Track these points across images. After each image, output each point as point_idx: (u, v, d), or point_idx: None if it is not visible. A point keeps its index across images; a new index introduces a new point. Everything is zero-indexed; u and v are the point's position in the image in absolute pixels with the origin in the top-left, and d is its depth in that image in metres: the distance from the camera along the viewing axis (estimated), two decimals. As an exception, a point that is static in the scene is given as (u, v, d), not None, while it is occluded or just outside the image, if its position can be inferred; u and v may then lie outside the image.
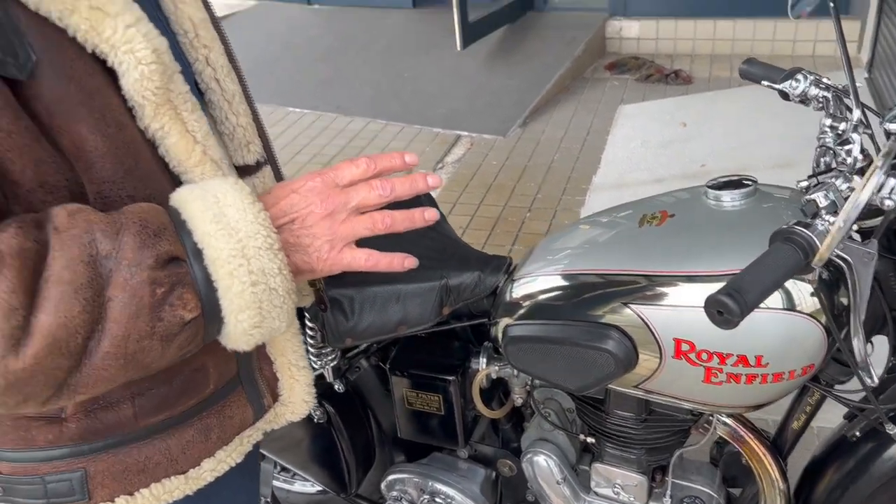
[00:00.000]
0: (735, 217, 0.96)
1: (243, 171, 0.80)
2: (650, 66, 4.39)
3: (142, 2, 0.63)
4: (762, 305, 0.78)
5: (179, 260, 0.60)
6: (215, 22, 0.79)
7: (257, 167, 0.82)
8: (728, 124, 3.55)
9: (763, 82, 1.09)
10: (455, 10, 4.26)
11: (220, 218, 0.61)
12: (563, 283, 1.04)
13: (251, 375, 0.80)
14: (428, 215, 0.70)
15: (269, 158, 0.85)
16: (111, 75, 0.61)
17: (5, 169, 0.57)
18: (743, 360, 0.91)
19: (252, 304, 0.62)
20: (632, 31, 4.67)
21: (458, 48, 4.40)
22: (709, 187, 0.99)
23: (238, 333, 0.64)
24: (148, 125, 0.64)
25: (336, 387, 1.30)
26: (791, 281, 0.87)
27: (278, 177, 0.88)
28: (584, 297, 1.01)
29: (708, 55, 4.52)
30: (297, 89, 4.52)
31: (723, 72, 4.30)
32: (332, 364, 1.26)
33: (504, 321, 1.11)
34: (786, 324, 0.89)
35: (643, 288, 0.95)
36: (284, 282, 0.64)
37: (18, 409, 0.56)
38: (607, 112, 3.97)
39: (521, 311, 1.08)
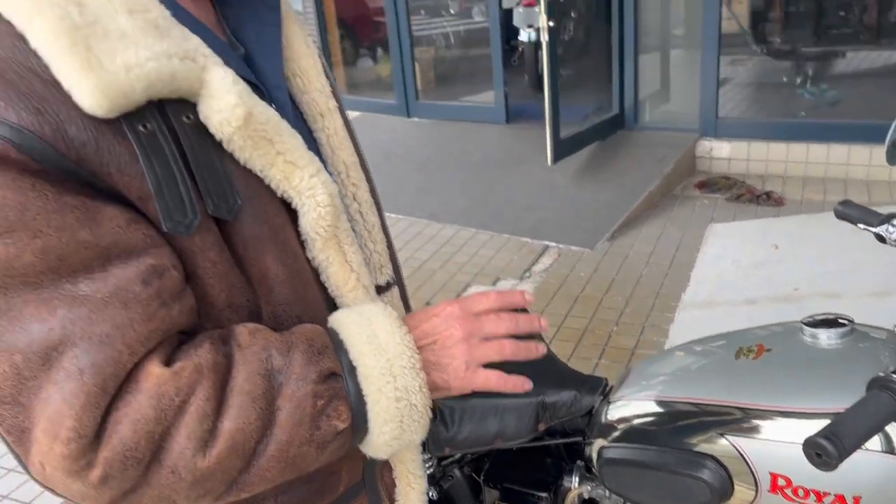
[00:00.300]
0: (832, 356, 0.99)
1: (376, 291, 0.91)
2: (741, 187, 4.42)
3: (311, 150, 0.76)
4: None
5: (337, 375, 0.69)
6: (363, 163, 0.92)
7: (387, 287, 0.93)
8: (821, 248, 3.52)
9: (859, 225, 1.14)
10: (548, 127, 4.45)
11: (373, 339, 0.71)
12: (658, 408, 1.08)
13: (374, 481, 0.87)
14: (540, 350, 0.79)
15: (398, 280, 0.96)
16: (292, 214, 0.74)
17: (206, 292, 0.68)
18: (840, 499, 0.92)
19: (395, 417, 0.71)
20: (723, 152, 4.74)
21: (549, 163, 4.57)
22: (805, 324, 1.03)
23: (379, 443, 0.72)
24: (315, 256, 0.76)
25: (430, 493, 1.36)
26: (892, 423, 0.89)
27: (403, 296, 0.99)
28: (680, 424, 1.05)
29: (800, 178, 4.53)
30: (394, 196, 4.76)
31: (816, 195, 4.29)
32: (428, 471, 1.32)
33: (599, 442, 1.15)
34: (885, 466, 0.90)
35: (739, 420, 0.98)
36: (423, 398, 0.72)
37: (195, 503, 0.66)
38: (697, 230, 4.00)
39: (617, 434, 1.12)
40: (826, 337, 1.01)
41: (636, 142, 5.00)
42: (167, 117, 0.65)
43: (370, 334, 0.71)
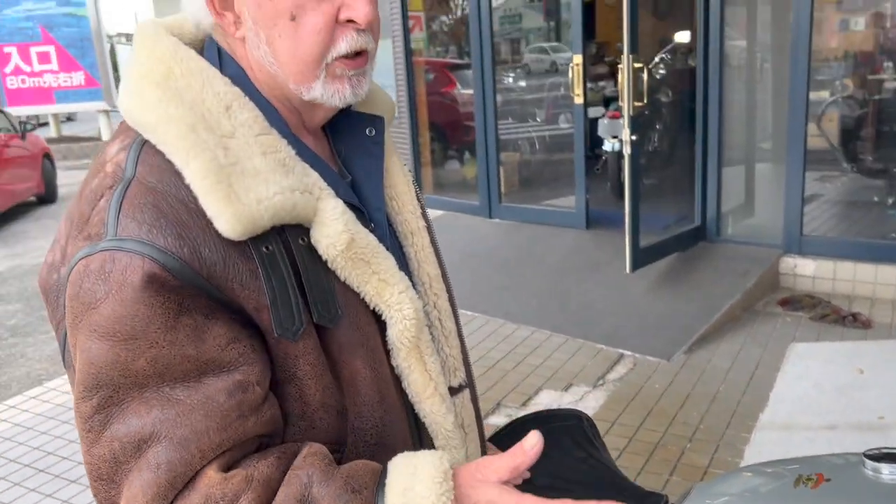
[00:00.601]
0: (891, 492, 0.99)
1: (449, 392, 0.98)
2: (826, 306, 4.32)
3: (401, 265, 0.88)
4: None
5: None
6: (444, 275, 1.03)
7: (460, 389, 1.00)
8: (912, 376, 3.38)
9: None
10: (627, 235, 4.51)
11: (408, 491, 0.73)
12: (716, 530, 1.10)
13: None
14: None
15: (469, 382, 1.04)
16: (381, 325, 0.84)
17: (303, 392, 0.78)
18: None
19: None
20: (807, 270, 4.66)
21: (628, 270, 4.60)
22: (867, 457, 1.04)
23: None
24: (399, 363, 0.86)
25: None
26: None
27: (473, 397, 1.06)
28: (737, 548, 1.06)
29: (890, 301, 4.39)
30: (471, 294, 4.86)
31: (907, 319, 4.14)
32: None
33: (656, 559, 1.16)
34: None
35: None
36: None
37: None
38: (778, 348, 3.91)
39: (674, 552, 1.13)
40: (888, 472, 1.01)
41: (718, 254, 4.98)
42: (286, 239, 0.78)
43: (408, 486, 0.74)
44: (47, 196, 10.11)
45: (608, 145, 6.49)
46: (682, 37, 6.71)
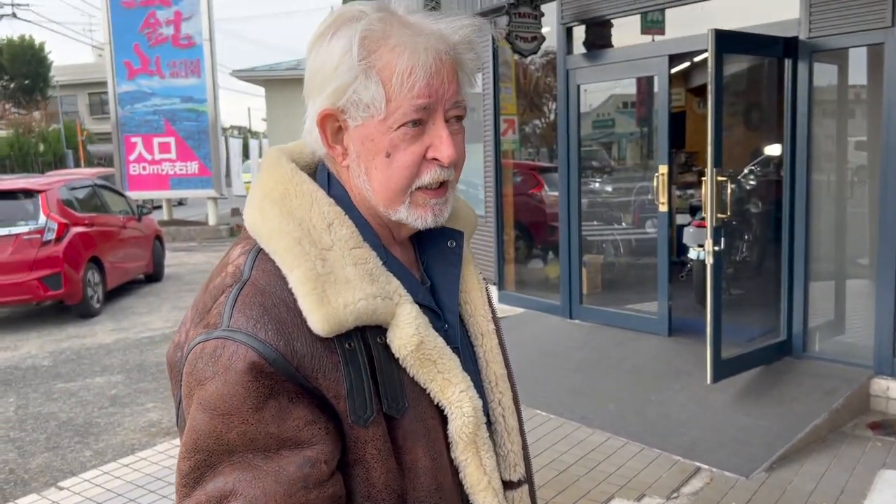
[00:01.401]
0: None
1: (507, 486, 1.08)
2: (920, 433, 4.12)
3: (467, 364, 1.01)
4: None
5: None
6: (510, 375, 1.15)
7: (518, 484, 1.10)
8: None
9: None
10: (709, 345, 4.48)
11: None
12: None
13: None
14: None
15: (528, 478, 1.14)
16: (443, 419, 0.97)
17: (369, 474, 0.91)
18: None
19: None
20: (900, 393, 4.47)
21: (709, 381, 4.53)
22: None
23: None
24: (457, 456, 0.98)
25: None
26: None
27: (531, 492, 1.15)
28: None
29: None
30: (547, 394, 4.88)
31: None
32: None
33: None
34: None
35: None
36: None
37: None
38: (866, 474, 3.74)
39: None
40: None
41: (803, 370, 4.85)
42: (366, 337, 0.93)
43: None
44: (155, 275, 10.82)
45: (693, 253, 6.49)
46: (773, 150, 6.76)
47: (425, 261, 1.08)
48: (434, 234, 1.07)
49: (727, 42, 4.51)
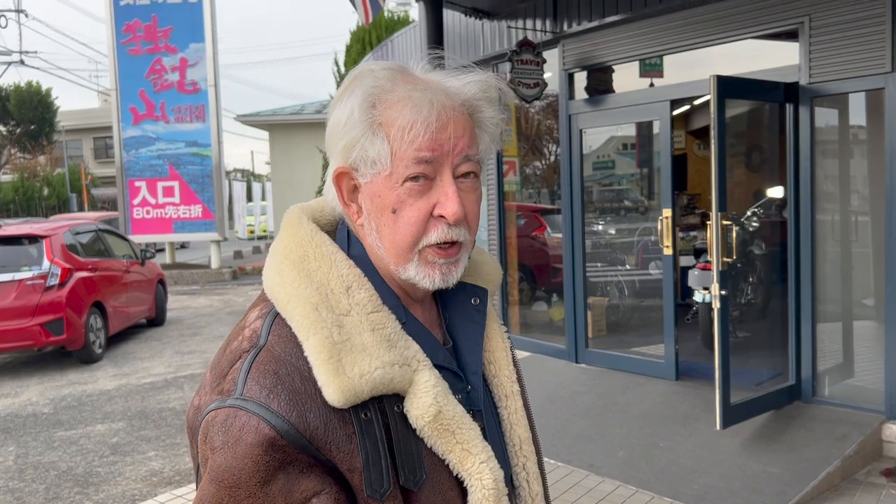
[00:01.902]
0: None
1: None
2: (936, 480, 4.04)
3: (490, 427, 0.98)
4: None
5: None
6: (535, 439, 1.12)
7: None
8: None
9: None
10: (717, 390, 4.42)
11: None
12: None
13: None
14: None
15: None
16: (462, 490, 0.94)
17: None
18: None
19: None
20: (913, 438, 4.40)
21: (718, 427, 4.47)
22: None
23: None
24: None
25: None
26: None
27: None
28: None
29: None
30: (554, 441, 4.81)
31: None
32: None
33: None
34: None
35: None
36: None
37: None
38: (882, 523, 3.66)
39: None
40: None
41: (813, 415, 4.78)
42: (382, 406, 0.91)
43: None
44: (157, 319, 10.78)
45: (699, 296, 6.46)
46: (776, 192, 6.80)
47: (448, 318, 1.06)
48: (456, 290, 1.05)
49: (729, 87, 4.56)
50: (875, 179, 4.95)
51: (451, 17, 6.77)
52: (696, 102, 8.45)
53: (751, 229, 7.06)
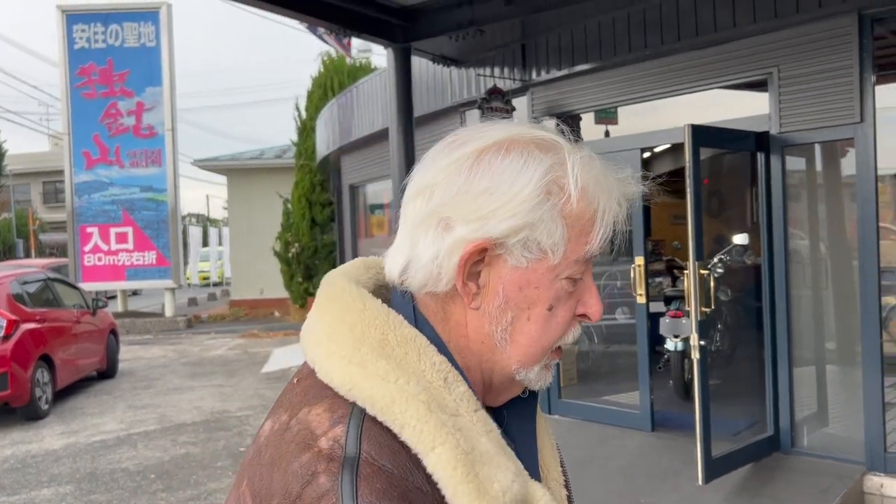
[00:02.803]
0: None
1: None
2: (923, 534, 3.97)
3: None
4: None
5: None
6: (567, 487, 0.97)
7: None
8: None
9: None
10: (699, 445, 4.31)
11: None
12: None
13: None
14: None
15: None
16: None
17: None
18: None
19: None
20: (894, 490, 4.34)
21: (700, 482, 4.35)
22: None
23: None
24: None
25: None
26: None
27: None
28: None
29: None
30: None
31: None
32: None
33: None
34: None
35: None
36: None
37: None
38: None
39: None
40: None
41: (794, 467, 4.70)
42: None
43: None
44: (108, 371, 10.33)
45: (671, 344, 6.40)
46: (741, 239, 6.83)
47: (504, 419, 0.89)
48: None
49: (702, 136, 4.56)
50: (844, 225, 4.99)
51: (419, 63, 6.74)
52: (657, 149, 8.55)
53: (716, 276, 7.07)
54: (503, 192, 0.77)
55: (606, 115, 6.21)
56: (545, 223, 0.78)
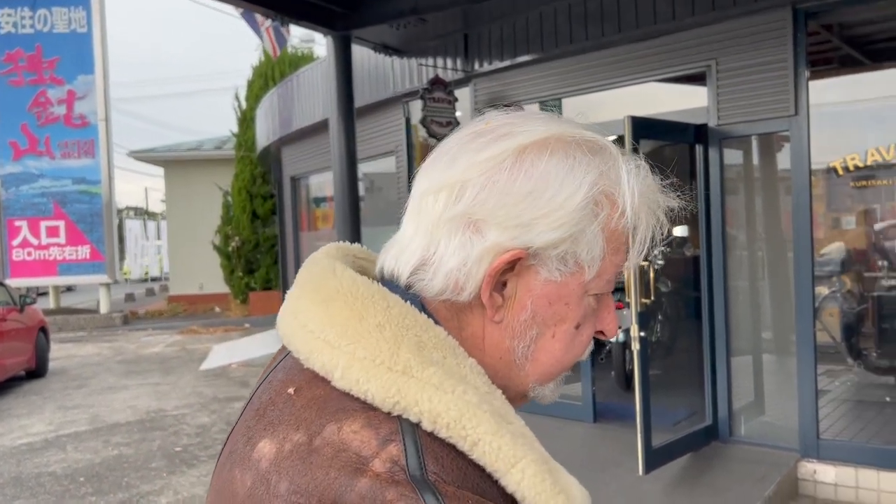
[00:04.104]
0: None
1: None
2: (853, 518, 4.07)
3: None
4: None
5: None
6: None
7: None
8: None
9: None
10: (639, 435, 4.33)
11: None
12: None
13: None
14: None
15: None
16: None
17: None
18: None
19: None
20: (827, 476, 4.44)
21: (641, 473, 4.37)
22: None
23: None
24: None
25: None
26: None
27: None
28: None
29: (921, 514, 4.15)
30: None
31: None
32: None
33: None
34: None
35: None
36: None
37: None
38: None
39: None
40: None
41: (732, 456, 4.77)
42: None
43: None
44: (38, 371, 9.91)
45: (612, 335, 6.44)
46: (681, 231, 6.92)
47: None
48: None
49: (642, 128, 4.56)
50: (779, 217, 5.08)
51: (359, 52, 6.61)
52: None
53: (656, 267, 7.16)
54: (549, 198, 0.70)
55: (551, 108, 6.20)
56: (588, 237, 0.71)
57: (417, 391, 0.65)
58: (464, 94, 6.26)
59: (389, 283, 0.75)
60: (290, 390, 0.70)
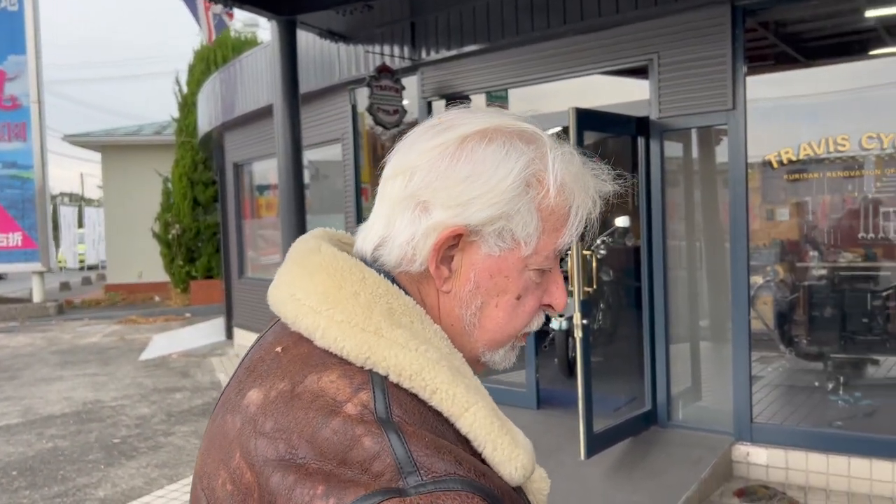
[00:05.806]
0: None
1: None
2: (782, 499, 4.24)
3: None
4: None
5: None
6: None
7: None
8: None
9: None
10: (581, 421, 4.42)
11: None
12: None
13: None
14: None
15: None
16: None
17: None
18: None
19: None
20: (760, 458, 4.61)
21: (583, 458, 4.47)
22: None
23: None
24: None
25: None
26: None
27: None
28: None
29: (844, 493, 4.34)
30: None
31: (864, 512, 4.08)
32: None
33: None
34: None
35: None
36: None
37: None
38: (740, 545, 3.76)
39: None
40: None
41: (670, 440, 4.91)
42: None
43: None
44: (-35, 361, 9.54)
45: (555, 323, 6.54)
46: (623, 221, 7.05)
47: None
48: None
49: (586, 120, 4.63)
50: (717, 209, 5.22)
51: (304, 38, 6.52)
52: (549, 132, 8.69)
53: (599, 257, 7.29)
54: (484, 180, 0.79)
55: (497, 98, 6.23)
56: (521, 214, 0.80)
57: (386, 348, 0.74)
58: (411, 83, 6.24)
59: (364, 259, 0.84)
60: (279, 349, 0.80)
